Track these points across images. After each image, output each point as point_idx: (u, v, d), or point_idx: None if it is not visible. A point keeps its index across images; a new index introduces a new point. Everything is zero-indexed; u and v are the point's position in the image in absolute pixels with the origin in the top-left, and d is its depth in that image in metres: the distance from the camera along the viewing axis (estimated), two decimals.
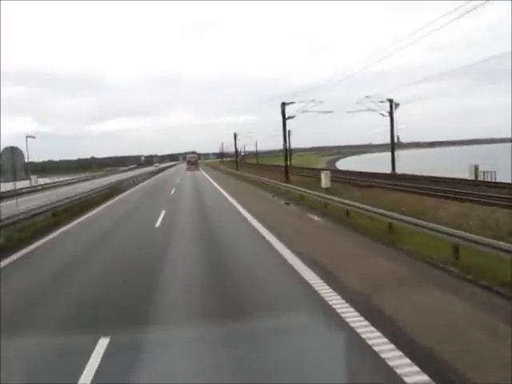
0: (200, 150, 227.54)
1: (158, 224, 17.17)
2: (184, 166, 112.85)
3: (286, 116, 38.59)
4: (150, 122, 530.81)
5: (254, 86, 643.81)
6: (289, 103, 38.33)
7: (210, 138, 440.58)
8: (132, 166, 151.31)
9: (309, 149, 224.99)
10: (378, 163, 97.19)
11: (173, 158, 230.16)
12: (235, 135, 77.04)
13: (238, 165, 75.84)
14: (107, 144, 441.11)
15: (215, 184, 41.20)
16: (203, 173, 72.05)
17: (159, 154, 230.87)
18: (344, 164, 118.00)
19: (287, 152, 40.00)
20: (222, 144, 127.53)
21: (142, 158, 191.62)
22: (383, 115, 41.09)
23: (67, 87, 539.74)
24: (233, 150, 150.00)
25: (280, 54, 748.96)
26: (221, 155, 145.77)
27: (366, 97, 40.28)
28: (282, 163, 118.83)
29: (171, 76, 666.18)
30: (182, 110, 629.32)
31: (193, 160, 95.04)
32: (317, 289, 7.88)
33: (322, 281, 8.36)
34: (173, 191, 34.18)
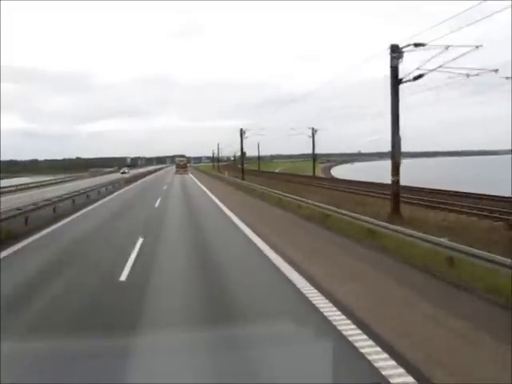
0: (190, 154, 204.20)
1: None
2: (171, 170, 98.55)
3: (400, 77, 15.53)
4: (138, 124, 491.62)
5: (246, 90, 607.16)
6: (406, 47, 15.34)
7: (201, 142, 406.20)
8: (115, 168, 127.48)
9: (286, 156, 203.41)
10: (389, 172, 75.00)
11: (160, 160, 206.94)
12: (242, 132, 53.54)
13: (243, 172, 52.43)
14: (94, 145, 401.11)
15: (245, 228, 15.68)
16: (200, 185, 47.96)
17: (147, 156, 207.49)
18: (345, 172, 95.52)
19: (396, 155, 16.54)
20: (218, 145, 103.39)
21: (128, 160, 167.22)
22: None
23: (56, 85, 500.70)
24: (225, 154, 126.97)
25: (271, 60, 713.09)
26: (214, 159, 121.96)
27: None
28: (278, 170, 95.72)
29: (162, 78, 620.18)
30: (172, 112, 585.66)
31: (182, 163, 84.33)
32: None
33: None
34: (136, 250, 11.11)
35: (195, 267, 9.61)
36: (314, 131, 58.56)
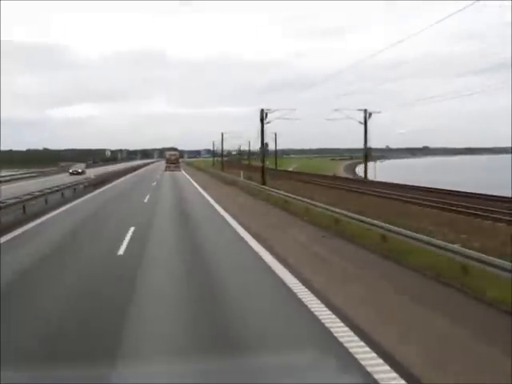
0: (183, 147, 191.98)
1: None
2: (160, 166, 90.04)
3: None
4: (121, 110, 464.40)
5: (251, 70, 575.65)
6: None
7: (197, 133, 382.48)
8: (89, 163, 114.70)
9: (298, 151, 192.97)
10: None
11: (146, 154, 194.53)
12: (263, 114, 38.86)
13: (264, 173, 38.33)
14: (66, 133, 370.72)
15: None
16: (212, 201, 29.73)
17: (130, 149, 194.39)
18: (377, 173, 79.97)
19: None
20: (222, 135, 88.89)
21: (107, 153, 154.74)
22: None
23: (21, 60, 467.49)
24: (226, 147, 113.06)
25: (281, 35, 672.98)
26: (216, 153, 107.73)
27: None
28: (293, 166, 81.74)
29: (151, 54, 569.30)
30: (162, 96, 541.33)
31: (173, 158, 79.86)
32: None
33: None
34: None
35: None
36: (367, 114, 44.86)
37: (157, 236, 15.14)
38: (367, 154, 49.04)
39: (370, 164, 47.43)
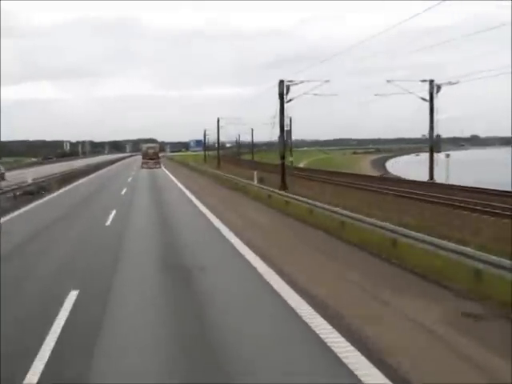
0: (165, 138, 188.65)
1: None
2: (134, 163, 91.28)
3: None
4: (84, 91, 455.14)
5: (250, 42, 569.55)
6: None
7: (184, 121, 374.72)
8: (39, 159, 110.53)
9: (311, 142, 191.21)
10: None
11: (116, 146, 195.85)
12: (283, 87, 30.99)
13: (285, 174, 31.17)
14: (12, 120, 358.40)
15: None
16: None
17: (96, 141, 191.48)
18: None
19: None
20: (218, 121, 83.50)
21: (66, 146, 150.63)
22: None
23: None
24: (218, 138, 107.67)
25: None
26: (210, 145, 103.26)
27: None
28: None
29: (123, 21, 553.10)
30: (138, 74, 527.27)
31: (151, 152, 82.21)
32: None
33: None
34: None
35: None
36: (434, 88, 37.72)
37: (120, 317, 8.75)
38: (433, 144, 41.65)
39: (401, 158, 41.36)
